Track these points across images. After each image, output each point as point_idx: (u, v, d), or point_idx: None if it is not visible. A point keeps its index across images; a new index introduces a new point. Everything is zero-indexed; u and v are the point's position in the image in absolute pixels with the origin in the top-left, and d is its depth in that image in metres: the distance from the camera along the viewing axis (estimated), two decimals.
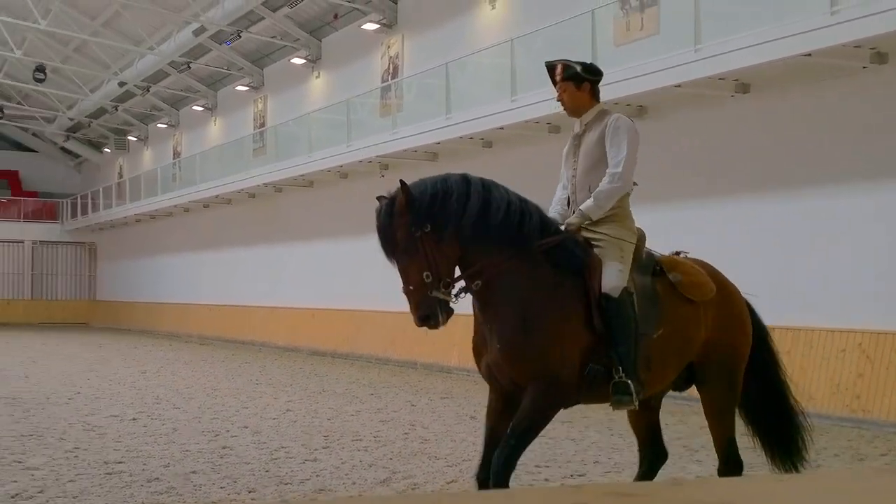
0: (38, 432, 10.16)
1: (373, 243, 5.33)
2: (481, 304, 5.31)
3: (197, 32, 27.34)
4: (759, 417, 6.00)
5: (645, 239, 5.59)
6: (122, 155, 41.42)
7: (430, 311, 5.14)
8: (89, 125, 40.93)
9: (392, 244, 5.18)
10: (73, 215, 42.93)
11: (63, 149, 46.01)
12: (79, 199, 42.77)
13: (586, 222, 5.41)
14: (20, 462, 8.47)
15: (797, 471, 5.90)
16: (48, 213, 44.56)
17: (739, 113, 13.57)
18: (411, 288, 5.16)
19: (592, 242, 5.37)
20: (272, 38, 27.03)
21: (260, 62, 29.32)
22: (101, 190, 40.62)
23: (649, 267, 5.53)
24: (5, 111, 40.49)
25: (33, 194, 45.36)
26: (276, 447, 9.29)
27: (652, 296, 5.39)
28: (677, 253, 5.89)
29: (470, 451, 8.90)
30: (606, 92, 14.39)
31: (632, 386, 5.14)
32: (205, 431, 10.31)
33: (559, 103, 5.73)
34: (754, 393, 5.91)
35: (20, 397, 13.40)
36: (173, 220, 34.55)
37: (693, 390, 5.92)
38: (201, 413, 11.85)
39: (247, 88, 29.89)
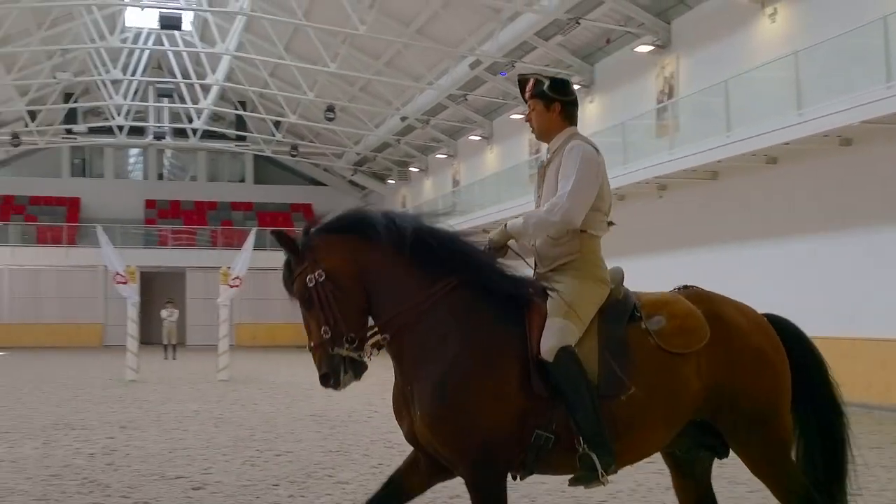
0: (345, 448, 10.76)
1: (651, 264, 5.08)
2: (394, 360, 4.54)
3: (473, 66, 28.23)
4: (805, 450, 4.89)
5: (622, 279, 4.72)
6: (405, 185, 43.39)
7: (328, 371, 4.41)
8: (374, 158, 43.23)
9: (292, 297, 4.56)
10: None
11: (351, 182, 48.86)
12: None
13: (510, 241, 4.64)
14: (331, 476, 8.97)
15: None
16: None
17: None
18: (312, 345, 4.46)
19: (549, 290, 4.54)
20: (545, 66, 27.38)
21: None
22: None
23: (624, 313, 4.58)
24: (300, 149, 43.55)
25: None
26: None
27: (619, 349, 4.46)
28: (684, 287, 4.95)
29: None
30: None
31: (596, 460, 4.28)
32: None
33: (528, 124, 4.89)
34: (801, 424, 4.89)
35: (325, 415, 14.27)
36: None
37: None
38: None
39: (521, 116, 30.15)
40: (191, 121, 42.84)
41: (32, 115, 39.77)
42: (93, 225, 41.96)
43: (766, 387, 4.61)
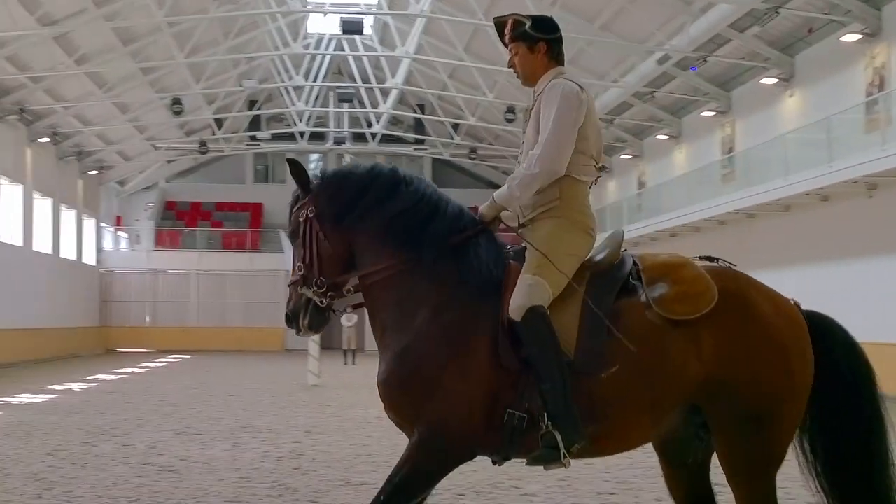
0: None
1: (859, 269, 4.72)
2: (371, 323, 4.48)
3: (661, 61, 27.68)
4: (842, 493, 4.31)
5: (620, 242, 4.43)
6: None
7: (291, 311, 4.51)
8: None
9: (289, 226, 4.68)
10: None
11: None
12: None
13: (504, 212, 4.43)
14: (518, 488, 8.90)
15: None
16: None
17: None
18: (290, 280, 4.57)
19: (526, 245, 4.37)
20: (740, 59, 26.56)
21: (727, 85, 28.95)
22: None
23: (617, 280, 4.29)
24: (478, 151, 43.91)
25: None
26: None
27: (597, 318, 4.15)
28: (710, 259, 4.53)
29: None
30: None
31: (559, 438, 4.01)
32: None
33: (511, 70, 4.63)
34: (833, 457, 4.32)
35: None
36: (639, 251, 35.05)
37: None
38: None
39: (713, 113, 29.63)
40: (370, 125, 43.92)
41: (219, 122, 41.80)
42: (275, 230, 43.75)
43: (775, 382, 4.14)
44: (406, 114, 44.41)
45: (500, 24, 4.62)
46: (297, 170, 4.60)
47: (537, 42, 4.49)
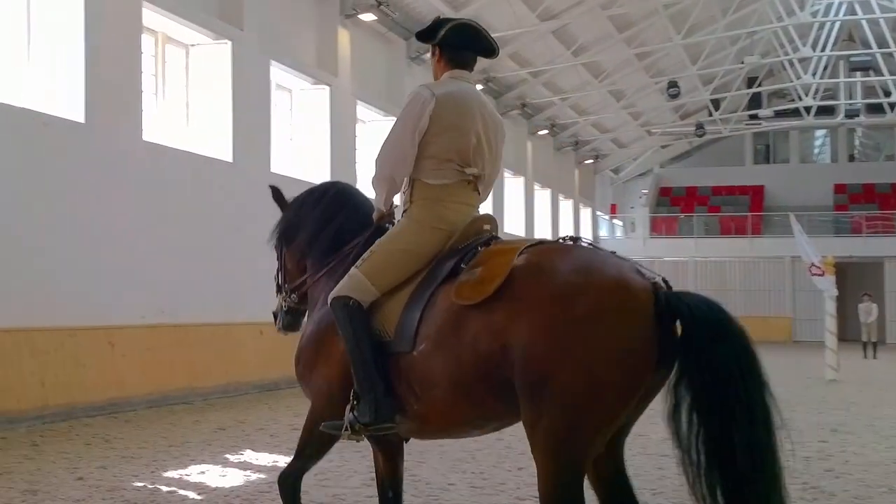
0: None
1: None
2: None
3: None
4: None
5: (480, 227, 4.75)
6: None
7: (274, 312, 5.67)
8: None
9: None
10: None
11: None
12: None
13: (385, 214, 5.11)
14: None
15: None
16: None
17: None
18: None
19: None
20: None
21: None
22: None
23: (448, 264, 4.55)
24: None
25: None
26: None
27: (419, 302, 4.50)
28: (568, 239, 4.46)
29: None
30: None
31: (347, 410, 4.63)
32: None
33: None
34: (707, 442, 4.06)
35: None
36: None
37: None
38: None
39: None
40: (888, 94, 40.80)
41: (716, 103, 41.40)
42: (778, 214, 42.48)
43: (554, 346, 3.94)
44: None
45: None
46: (276, 194, 5.72)
47: (434, 48, 4.99)
